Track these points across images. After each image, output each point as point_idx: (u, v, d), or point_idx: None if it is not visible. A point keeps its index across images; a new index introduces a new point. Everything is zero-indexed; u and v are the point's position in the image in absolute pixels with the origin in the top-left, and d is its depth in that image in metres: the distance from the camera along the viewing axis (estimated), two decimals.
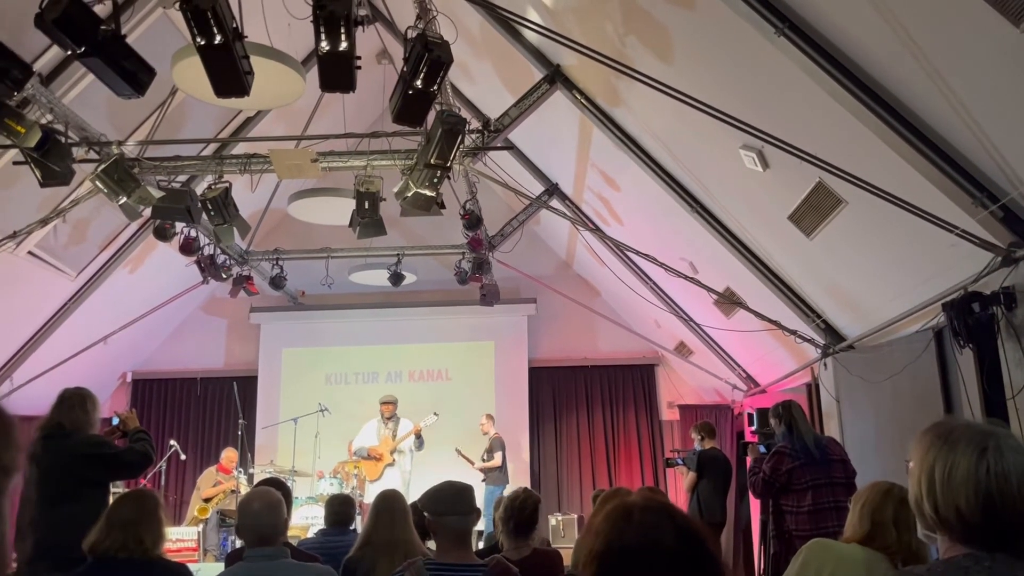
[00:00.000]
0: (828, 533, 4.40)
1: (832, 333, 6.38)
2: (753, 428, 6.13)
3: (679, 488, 9.36)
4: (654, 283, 8.72)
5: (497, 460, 9.46)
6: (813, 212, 5.19)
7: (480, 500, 5.83)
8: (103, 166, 5.91)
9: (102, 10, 4.42)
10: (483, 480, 9.27)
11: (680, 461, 7.37)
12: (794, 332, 6.49)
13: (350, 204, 6.94)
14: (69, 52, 4.19)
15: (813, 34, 3.93)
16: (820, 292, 6.28)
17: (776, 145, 4.24)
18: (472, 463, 9.55)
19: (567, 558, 3.94)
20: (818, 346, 6.48)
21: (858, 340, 6.05)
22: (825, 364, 6.48)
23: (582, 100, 6.47)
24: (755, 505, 8.41)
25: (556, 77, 6.43)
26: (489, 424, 9.75)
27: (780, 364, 7.81)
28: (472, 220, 7.63)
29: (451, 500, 2.62)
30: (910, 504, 1.47)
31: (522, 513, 3.56)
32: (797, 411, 4.88)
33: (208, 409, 11.10)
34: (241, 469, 9.14)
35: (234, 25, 4.16)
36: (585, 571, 1.29)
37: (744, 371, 8.97)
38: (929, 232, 4.19)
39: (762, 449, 5.18)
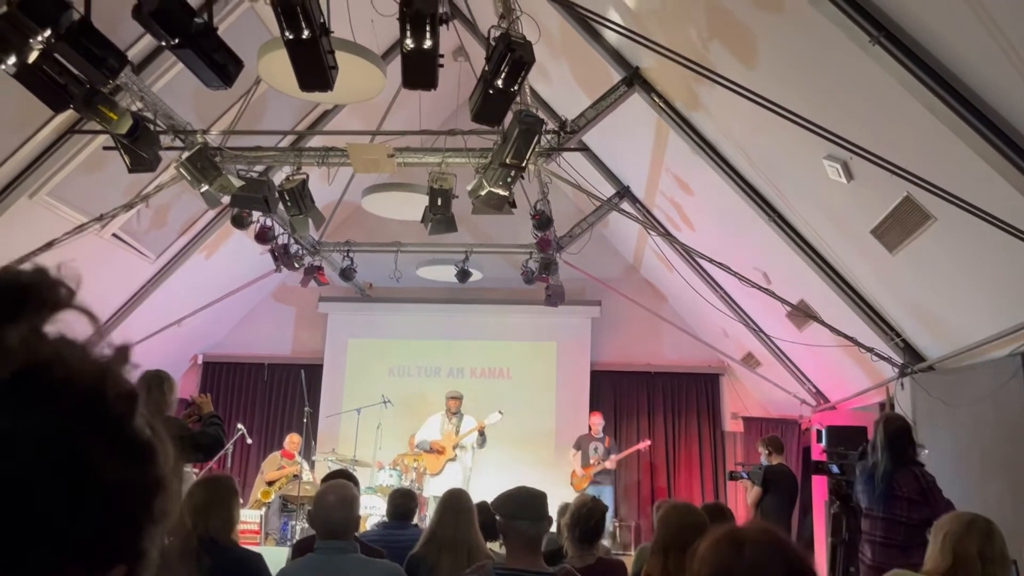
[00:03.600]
0: (868, 566, 4.26)
1: (911, 353, 6.16)
2: (823, 446, 5.95)
3: (740, 502, 9.18)
4: (724, 291, 8.56)
5: (614, 462, 9.52)
6: (898, 227, 5.02)
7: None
8: (188, 154, 6.07)
9: (193, 1, 4.54)
10: (595, 482, 9.22)
11: (745, 475, 7.22)
12: (871, 349, 6.30)
13: (422, 199, 6.99)
14: (163, 43, 4.30)
15: (911, 44, 3.79)
16: (900, 310, 6.07)
17: (864, 157, 4.11)
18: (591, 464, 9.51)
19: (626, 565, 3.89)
20: (895, 365, 6.27)
21: (939, 361, 5.83)
22: (902, 384, 6.27)
23: (660, 103, 6.38)
24: (819, 523, 8.20)
25: (635, 79, 6.36)
26: (600, 424, 9.77)
27: (853, 381, 7.59)
28: (542, 221, 7.61)
29: (524, 505, 2.60)
30: None
31: (588, 522, 3.53)
32: (883, 430, 4.44)
33: (274, 394, 11.33)
34: (303, 458, 9.29)
35: (321, 20, 4.23)
36: None
37: (814, 386, 8.75)
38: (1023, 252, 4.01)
39: (835, 469, 5.02)
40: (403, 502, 4.64)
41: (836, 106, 4.70)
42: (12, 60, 4.35)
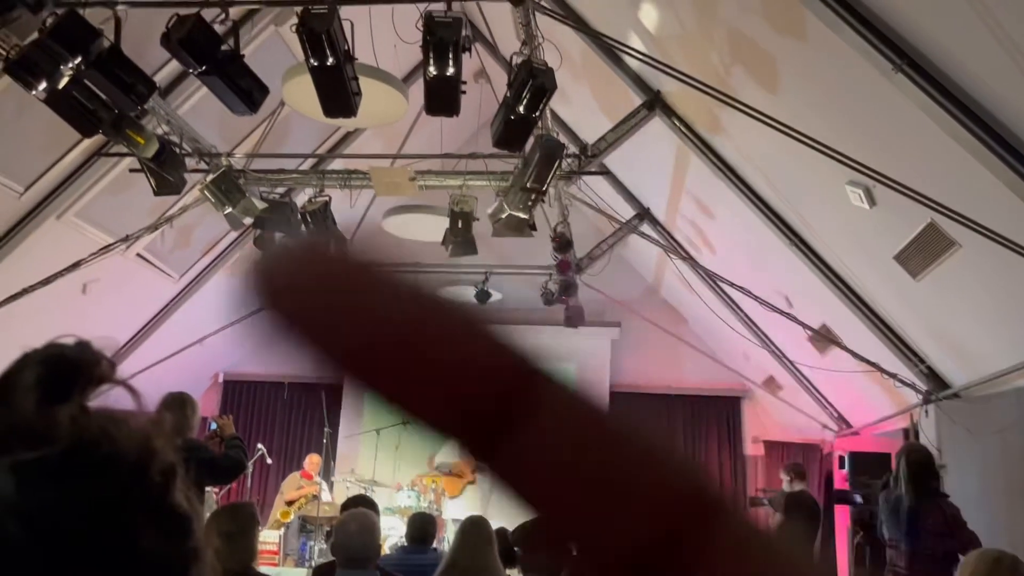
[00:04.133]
0: None
1: (936, 379, 6.09)
2: (846, 472, 5.86)
3: None
4: (745, 315, 8.52)
5: None
6: (922, 253, 4.98)
7: None
8: (212, 177, 6.14)
9: (220, 27, 4.61)
10: None
11: (766, 501, 7.15)
12: (894, 375, 6.23)
13: (442, 221, 7.04)
14: (190, 70, 4.37)
15: (933, 71, 3.78)
16: (924, 336, 6.01)
17: (886, 184, 4.09)
18: None
19: None
20: (919, 392, 6.20)
21: (964, 389, 5.76)
22: (926, 411, 6.19)
23: (681, 127, 6.39)
24: (842, 551, 8.09)
25: (656, 103, 6.38)
26: None
27: (876, 407, 7.51)
28: (562, 243, 7.62)
29: None
30: None
31: None
32: (904, 463, 4.39)
33: (294, 414, 11.36)
34: (322, 478, 9.30)
35: (346, 47, 4.28)
36: None
37: (836, 411, 8.66)
38: None
39: (858, 499, 4.96)
40: (423, 526, 4.63)
41: (858, 132, 4.68)
42: (43, 86, 4.45)
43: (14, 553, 0.46)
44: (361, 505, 3.55)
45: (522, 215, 5.90)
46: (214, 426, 4.44)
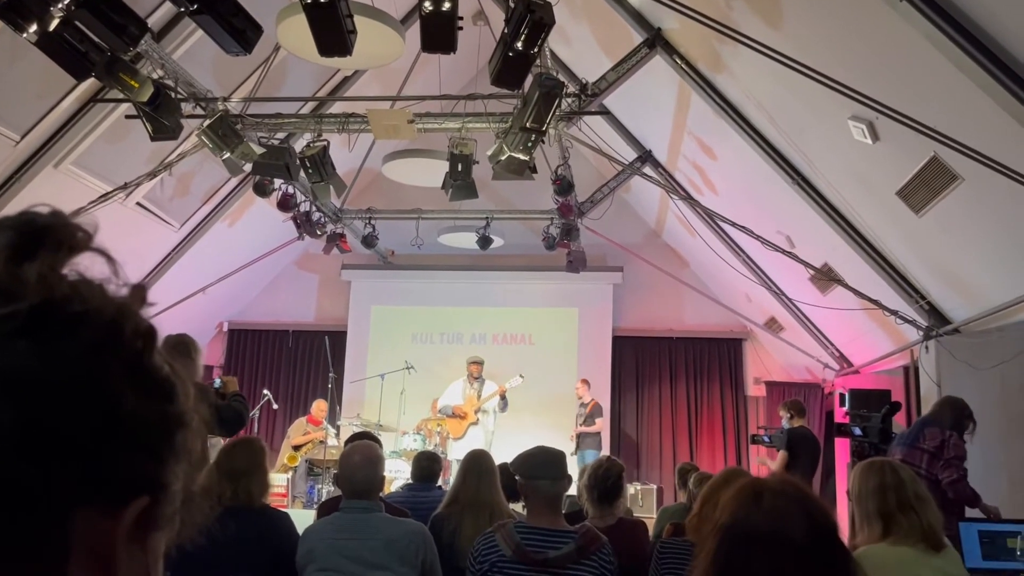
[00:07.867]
0: None
1: (936, 315, 6.11)
2: (846, 409, 5.92)
3: (762, 466, 9.19)
4: (747, 256, 8.50)
5: (599, 426, 9.48)
6: (924, 188, 4.95)
7: (573, 467, 5.56)
8: (209, 122, 6.08)
9: None
10: (577, 447, 9.25)
11: (767, 439, 7.22)
12: (895, 312, 6.24)
13: (442, 166, 6.98)
14: (182, 9, 4.30)
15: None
16: (925, 272, 6.00)
17: (890, 116, 4.05)
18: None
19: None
20: (920, 328, 6.22)
21: (965, 324, 5.78)
22: (927, 347, 6.22)
23: (683, 65, 6.30)
24: (841, 486, 8.20)
25: (656, 41, 6.27)
26: (584, 389, 9.72)
27: (876, 345, 7.54)
28: (563, 186, 7.57)
29: (543, 465, 2.63)
30: None
31: (605, 482, 3.55)
32: (939, 401, 4.65)
33: (299, 361, 11.46)
34: (329, 423, 9.40)
35: None
36: (706, 542, 1.25)
37: (837, 350, 8.70)
38: None
39: (857, 431, 5.01)
40: (428, 464, 4.69)
41: (862, 65, 4.61)
42: (33, 28, 4.38)
43: None
44: (365, 439, 3.60)
45: (522, 156, 5.84)
46: (218, 383, 4.43)
